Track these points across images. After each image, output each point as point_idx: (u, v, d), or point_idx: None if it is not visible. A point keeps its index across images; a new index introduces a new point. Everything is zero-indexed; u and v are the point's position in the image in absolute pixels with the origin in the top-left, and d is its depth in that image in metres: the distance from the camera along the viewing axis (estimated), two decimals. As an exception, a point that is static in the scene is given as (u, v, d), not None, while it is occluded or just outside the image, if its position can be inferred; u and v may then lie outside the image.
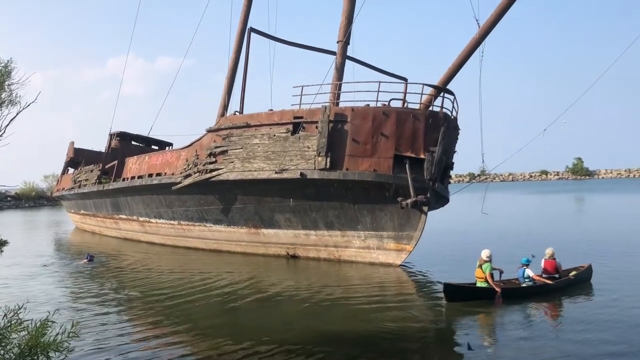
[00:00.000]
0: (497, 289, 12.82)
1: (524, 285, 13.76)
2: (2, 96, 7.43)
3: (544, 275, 14.14)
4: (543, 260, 14.53)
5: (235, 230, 22.67)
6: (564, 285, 14.09)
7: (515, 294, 13.27)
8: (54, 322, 4.27)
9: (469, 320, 11.57)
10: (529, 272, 13.78)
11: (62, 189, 41.38)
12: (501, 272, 13.96)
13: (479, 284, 13.32)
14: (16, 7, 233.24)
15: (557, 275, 14.26)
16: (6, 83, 7.41)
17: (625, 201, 54.26)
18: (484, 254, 13.39)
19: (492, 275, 13.18)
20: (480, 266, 13.37)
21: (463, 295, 12.96)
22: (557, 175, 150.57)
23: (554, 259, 14.44)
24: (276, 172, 19.30)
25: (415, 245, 18.55)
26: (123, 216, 30.76)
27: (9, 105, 7.66)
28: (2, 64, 7.40)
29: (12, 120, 7.69)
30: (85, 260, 21.17)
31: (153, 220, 27.45)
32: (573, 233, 27.01)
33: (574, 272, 14.83)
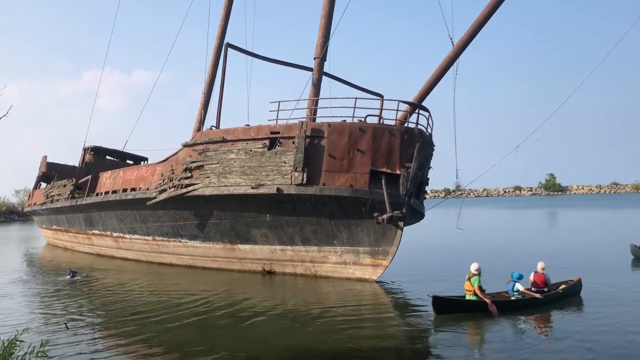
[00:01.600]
0: (488, 300, 12.95)
1: (513, 298, 13.90)
2: (-28, 110, 7.32)
3: (532, 289, 14.27)
4: (532, 274, 14.68)
5: (211, 245, 22.47)
6: (554, 298, 14.28)
7: (505, 306, 13.36)
8: (22, 341, 4.18)
9: (452, 335, 11.58)
10: (518, 286, 13.94)
11: (34, 204, 40.55)
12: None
13: (468, 297, 13.44)
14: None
15: (545, 289, 14.43)
16: (-24, 97, 7.31)
17: (598, 216, 55.39)
18: (473, 267, 13.54)
19: (481, 288, 13.32)
20: (469, 279, 13.49)
21: (452, 308, 13.05)
22: (531, 190, 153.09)
23: (544, 273, 14.62)
24: (253, 187, 19.24)
25: (391, 260, 18.62)
26: (96, 231, 30.25)
27: (-21, 119, 7.55)
28: (-27, 78, 7.29)
29: (-18, 134, 7.58)
30: (68, 277, 20.78)
31: (127, 235, 27.05)
32: (551, 247, 27.38)
33: (563, 286, 15.03)
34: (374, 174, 18.27)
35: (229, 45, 23.14)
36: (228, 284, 19.05)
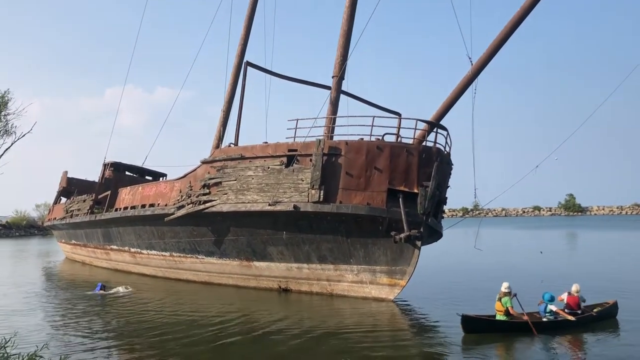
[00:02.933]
0: (525, 318, 12.81)
1: (544, 319, 13.67)
2: (-2, 126, 7.49)
3: (566, 311, 14.04)
4: (566, 296, 14.45)
5: (227, 262, 22.49)
6: (588, 321, 14.01)
7: (537, 327, 13.13)
8: (41, 356, 4.20)
9: (480, 356, 11.37)
10: (552, 306, 13.71)
11: (54, 219, 41.06)
12: (515, 294, 13.78)
13: (498, 317, 13.27)
14: (17, 33, 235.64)
15: (579, 312, 14.18)
16: (2, 113, 7.47)
17: (620, 237, 54.41)
18: (504, 286, 13.43)
19: (513, 307, 13.17)
20: (500, 299, 13.34)
21: (481, 328, 12.90)
22: (550, 211, 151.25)
23: (578, 295, 14.38)
24: (269, 205, 19.28)
25: (409, 280, 18.44)
26: (114, 247, 30.48)
27: (4, 135, 7.73)
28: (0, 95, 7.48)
29: (6, 150, 7.74)
30: (96, 290, 21.03)
31: (144, 251, 27.21)
32: (573, 268, 26.91)
33: (597, 309, 14.74)
34: (392, 193, 18.20)
35: (249, 64, 23.38)
36: (244, 301, 19.01)
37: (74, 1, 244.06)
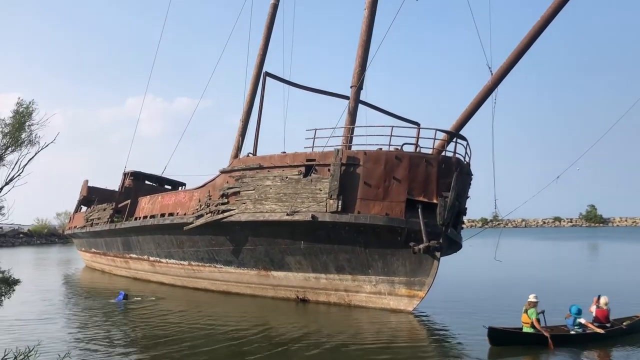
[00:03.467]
0: (546, 334, 12.59)
1: (573, 332, 13.44)
2: (22, 136, 7.60)
3: (595, 324, 13.78)
4: (595, 308, 14.19)
5: (245, 271, 22.51)
6: (618, 334, 13.73)
7: (566, 340, 12.97)
8: (62, 365, 4.22)
9: None
10: (580, 319, 13.47)
11: (74, 227, 41.56)
12: (542, 312, 13.60)
13: (525, 329, 13.10)
14: (41, 44, 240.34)
15: (608, 325, 13.91)
16: (27, 124, 7.59)
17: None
18: (530, 297, 13.25)
19: (538, 320, 12.98)
20: (526, 311, 13.17)
21: (508, 340, 12.73)
22: (571, 222, 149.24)
23: (607, 308, 14.12)
24: (287, 214, 19.28)
25: (428, 291, 18.26)
26: (134, 255, 30.72)
27: (28, 145, 7.84)
28: (24, 106, 7.60)
29: (30, 160, 7.84)
30: (118, 299, 21.20)
31: (163, 260, 27.38)
32: (596, 281, 26.42)
33: (627, 322, 14.43)
34: (410, 203, 18.08)
35: (267, 74, 23.52)
36: (262, 311, 18.99)
37: (97, 14, 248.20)
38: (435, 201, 18.04)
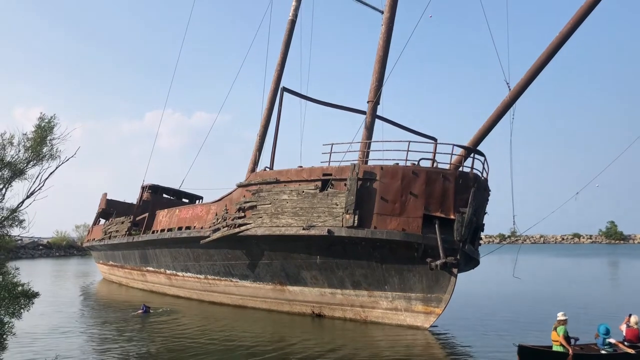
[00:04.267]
0: (570, 351, 12.36)
1: (603, 352, 13.17)
2: (44, 150, 7.74)
3: (625, 343, 13.49)
4: (625, 327, 13.90)
5: (261, 286, 22.49)
6: None
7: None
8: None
9: None
10: (610, 339, 13.20)
11: (93, 239, 41.96)
12: (576, 340, 13.39)
13: (555, 348, 12.90)
14: (61, 58, 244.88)
15: (639, 344, 13.59)
16: (48, 138, 7.73)
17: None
18: (560, 315, 13.06)
19: (566, 338, 12.77)
20: (556, 328, 12.98)
21: (538, 358, 12.52)
22: (590, 238, 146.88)
23: (638, 327, 13.80)
24: (304, 229, 19.27)
25: (445, 308, 18.06)
26: (150, 268, 30.89)
27: (49, 160, 7.97)
28: (46, 120, 7.74)
29: (51, 174, 7.97)
30: (140, 311, 21.38)
31: (180, 273, 27.48)
32: (614, 300, 25.94)
33: None
34: (427, 219, 17.97)
35: (285, 89, 23.69)
36: (277, 327, 18.91)
37: (119, 29, 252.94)
38: (452, 217, 17.91)
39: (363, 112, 24.00)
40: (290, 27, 27.41)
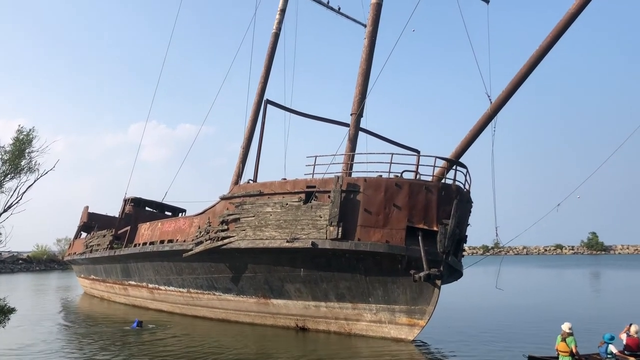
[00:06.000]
0: None
1: None
2: (22, 164, 7.62)
3: (626, 352, 13.58)
4: (625, 337, 14.01)
5: (244, 299, 22.31)
6: None
7: None
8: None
9: None
10: (612, 348, 13.29)
11: (74, 253, 41.37)
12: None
13: (561, 358, 12.94)
14: (44, 71, 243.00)
15: (639, 353, 13.70)
16: (27, 151, 7.63)
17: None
18: (566, 326, 13.14)
19: (576, 348, 12.85)
20: (564, 339, 13.02)
21: None
22: (572, 249, 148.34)
23: (638, 337, 13.92)
24: (287, 241, 19.19)
25: (428, 320, 18.05)
26: (132, 282, 30.50)
27: (27, 173, 7.86)
28: (24, 133, 7.64)
29: (29, 187, 7.85)
30: (135, 327, 21.07)
31: (162, 287, 27.17)
32: (598, 310, 26.14)
33: None
34: (411, 230, 18.01)
35: (269, 102, 23.71)
36: (261, 341, 18.75)
37: (101, 41, 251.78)
38: (435, 229, 17.97)
39: (347, 125, 24.07)
40: (273, 40, 27.54)
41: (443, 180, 18.94)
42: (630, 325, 14.11)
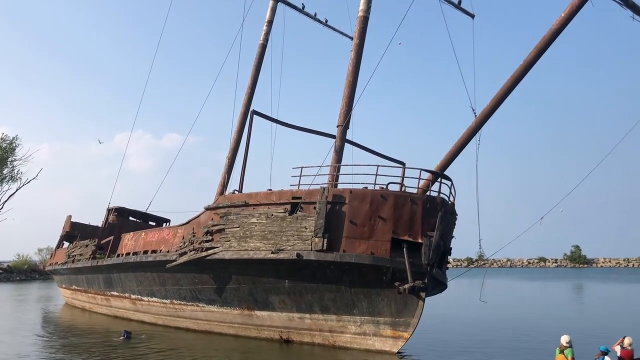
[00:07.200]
0: None
1: None
2: (4, 172, 7.53)
3: None
4: (619, 349, 14.14)
5: (228, 311, 22.13)
6: None
7: None
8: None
9: None
10: (607, 359, 13.41)
11: (56, 263, 40.79)
12: None
13: None
14: (33, 77, 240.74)
15: None
16: (9, 159, 7.54)
17: (630, 291, 53.50)
18: (564, 339, 13.28)
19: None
20: (562, 352, 13.11)
21: None
22: (556, 262, 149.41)
23: (632, 349, 14.07)
24: (272, 252, 19.11)
25: (413, 332, 18.05)
26: (115, 293, 30.13)
27: (10, 181, 7.76)
28: (7, 141, 7.56)
29: (10, 196, 7.76)
30: (122, 337, 20.83)
31: (145, 298, 26.86)
32: (579, 323, 26.31)
33: None
34: (396, 242, 18.04)
35: (255, 113, 23.72)
36: (245, 352, 18.60)
37: (87, 48, 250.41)
38: (420, 241, 18.02)
39: (333, 136, 24.13)
40: (260, 51, 27.62)
41: (428, 193, 19.04)
42: (624, 337, 14.30)
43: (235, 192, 22.61)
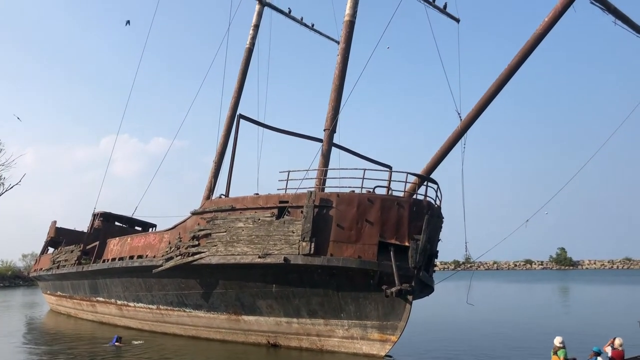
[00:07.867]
0: None
1: None
2: (-15, 177, 7.43)
3: None
4: (610, 350, 14.28)
5: (215, 316, 22.01)
6: None
7: None
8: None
9: None
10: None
11: (40, 269, 40.31)
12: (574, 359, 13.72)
13: None
14: (18, 79, 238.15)
15: None
16: (-9, 164, 7.45)
17: (612, 292, 54.02)
18: (557, 340, 13.43)
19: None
20: (556, 352, 13.22)
21: None
22: (542, 264, 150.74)
23: (622, 349, 14.21)
24: (259, 257, 19.05)
25: (400, 335, 18.07)
26: (100, 299, 29.84)
27: (-8, 186, 7.65)
28: (-11, 146, 7.46)
29: (-8, 202, 7.63)
30: (116, 343, 20.61)
31: (131, 304, 26.63)
32: (567, 324, 26.51)
33: None
34: (383, 246, 18.06)
35: (241, 117, 23.65)
36: (232, 357, 18.49)
37: (74, 51, 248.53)
38: (407, 244, 18.06)
39: (320, 140, 24.13)
40: (247, 55, 27.60)
41: (414, 196, 19.11)
42: (615, 338, 14.48)
43: (222, 196, 22.52)
